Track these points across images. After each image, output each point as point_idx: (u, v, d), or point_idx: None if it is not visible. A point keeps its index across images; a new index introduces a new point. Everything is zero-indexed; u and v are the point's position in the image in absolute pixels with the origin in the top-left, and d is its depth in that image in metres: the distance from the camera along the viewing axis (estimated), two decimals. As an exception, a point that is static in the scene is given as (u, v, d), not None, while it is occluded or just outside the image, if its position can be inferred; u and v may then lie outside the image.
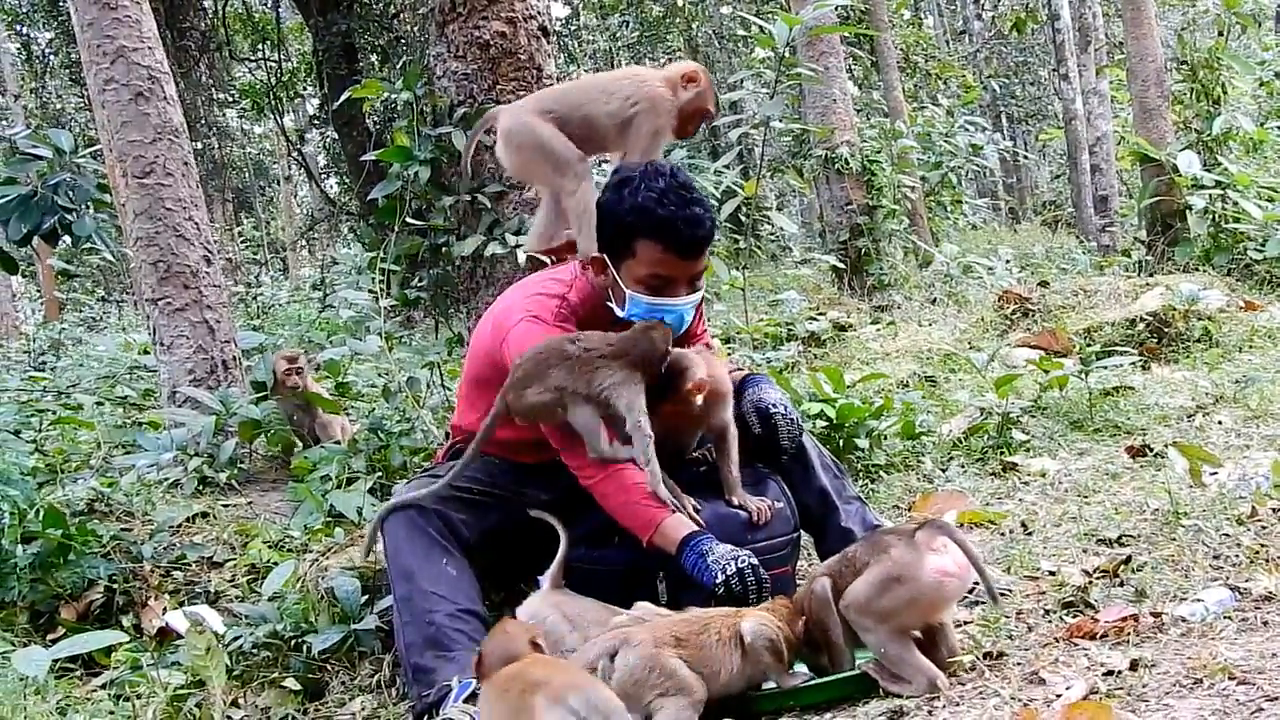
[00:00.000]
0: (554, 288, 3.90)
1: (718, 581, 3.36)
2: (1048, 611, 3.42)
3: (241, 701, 3.79)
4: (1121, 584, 3.51)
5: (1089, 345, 7.21)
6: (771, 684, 3.15)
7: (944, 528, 3.08)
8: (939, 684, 2.93)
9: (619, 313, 3.80)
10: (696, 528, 3.53)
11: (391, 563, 3.74)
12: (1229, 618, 3.02)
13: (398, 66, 12.69)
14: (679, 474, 3.78)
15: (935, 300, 11.21)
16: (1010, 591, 3.66)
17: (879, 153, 12.43)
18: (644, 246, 3.70)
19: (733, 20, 22.32)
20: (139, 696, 3.69)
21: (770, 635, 3.12)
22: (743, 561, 3.38)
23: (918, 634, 3.06)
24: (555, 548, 3.68)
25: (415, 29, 13.95)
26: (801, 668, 3.21)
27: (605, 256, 3.79)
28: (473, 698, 3.24)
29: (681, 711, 2.90)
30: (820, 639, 3.15)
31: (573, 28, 24.66)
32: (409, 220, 6.72)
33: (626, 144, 4.09)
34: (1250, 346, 7.12)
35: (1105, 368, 6.20)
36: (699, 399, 3.65)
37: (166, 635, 4.20)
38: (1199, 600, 3.14)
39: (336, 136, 16.18)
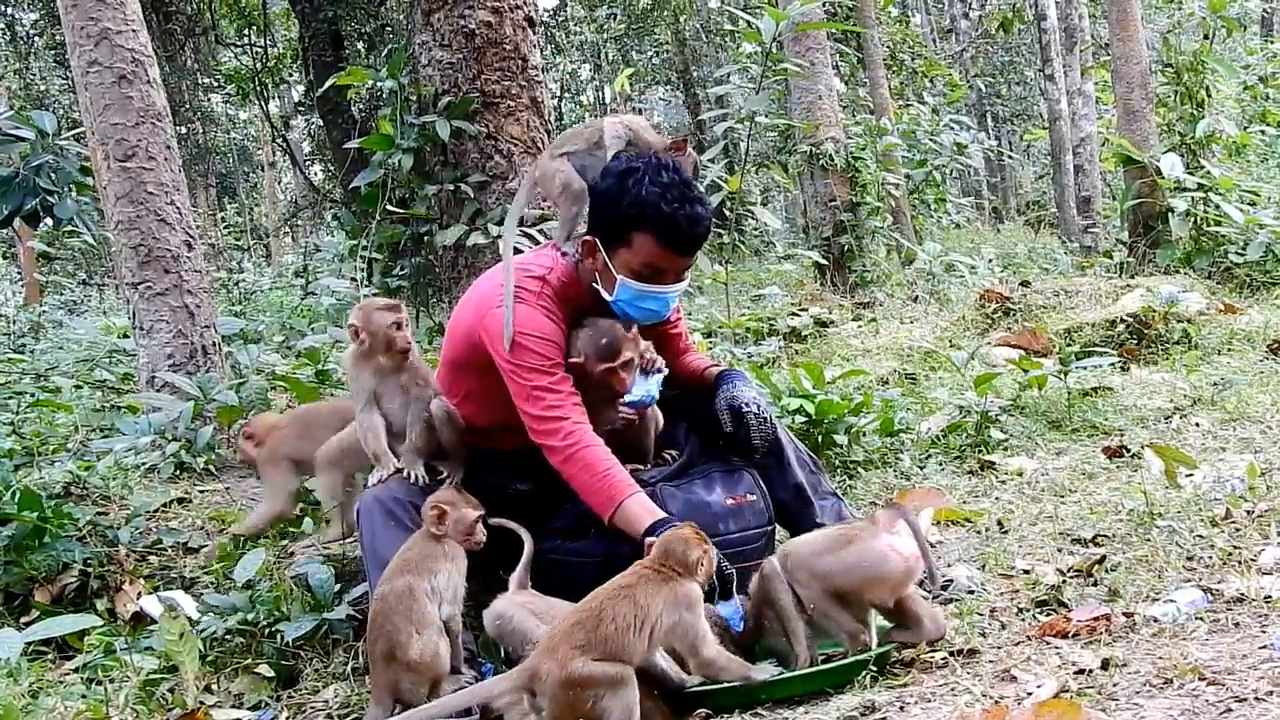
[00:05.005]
0: (535, 269, 3.86)
1: None
2: (1021, 609, 3.43)
3: (214, 687, 3.80)
4: (1095, 583, 3.53)
5: (1069, 345, 7.24)
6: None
7: (903, 512, 3.18)
8: (863, 639, 3.07)
9: (606, 296, 3.81)
10: (663, 515, 3.52)
11: (367, 551, 3.74)
12: (1200, 619, 3.03)
13: (383, 54, 12.66)
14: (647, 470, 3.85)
15: (917, 298, 11.21)
16: (984, 589, 3.68)
17: (864, 149, 12.41)
18: (641, 239, 3.70)
19: (720, 14, 22.33)
20: (112, 680, 3.69)
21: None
22: None
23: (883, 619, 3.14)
24: (533, 537, 3.69)
25: (401, 17, 13.91)
26: (767, 664, 3.19)
27: (597, 240, 3.79)
28: None
29: (625, 706, 2.85)
30: (770, 617, 3.18)
31: (560, 19, 24.63)
32: (391, 208, 6.72)
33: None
34: (1228, 350, 7.14)
35: (1084, 368, 6.22)
36: None
37: (140, 620, 4.21)
38: (1171, 601, 3.16)
39: (321, 123, 16.14)
